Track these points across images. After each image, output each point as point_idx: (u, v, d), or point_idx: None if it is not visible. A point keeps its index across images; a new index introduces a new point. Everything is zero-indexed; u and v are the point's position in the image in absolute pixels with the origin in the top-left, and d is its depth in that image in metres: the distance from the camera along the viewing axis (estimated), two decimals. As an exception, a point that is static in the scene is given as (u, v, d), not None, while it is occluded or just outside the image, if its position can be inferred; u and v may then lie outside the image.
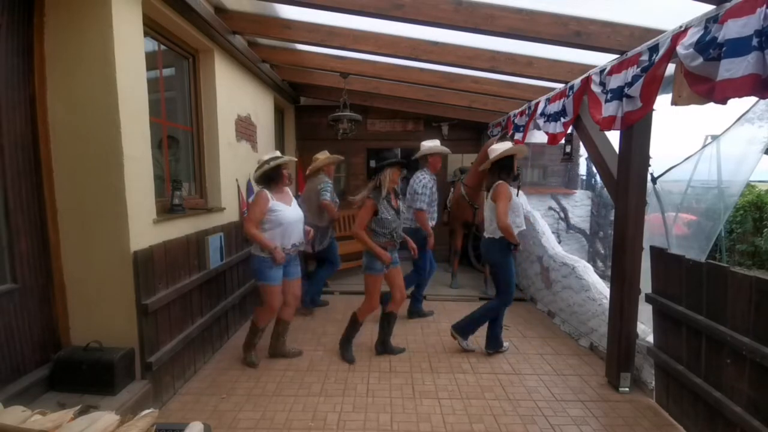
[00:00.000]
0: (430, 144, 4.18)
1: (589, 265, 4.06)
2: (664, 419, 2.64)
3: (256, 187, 4.44)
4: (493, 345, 3.56)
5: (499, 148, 3.37)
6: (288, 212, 3.18)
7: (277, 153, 3.30)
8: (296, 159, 3.36)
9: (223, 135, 3.77)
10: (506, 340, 3.68)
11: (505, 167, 3.36)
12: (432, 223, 4.22)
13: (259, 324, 3.32)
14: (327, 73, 4.98)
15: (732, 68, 1.69)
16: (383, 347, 3.56)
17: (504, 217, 3.19)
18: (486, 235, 3.47)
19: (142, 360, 2.53)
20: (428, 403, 2.81)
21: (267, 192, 3.15)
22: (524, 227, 3.46)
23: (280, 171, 3.19)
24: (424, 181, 4.08)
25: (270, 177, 3.17)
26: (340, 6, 2.81)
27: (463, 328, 3.60)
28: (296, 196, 3.98)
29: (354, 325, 3.48)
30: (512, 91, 4.37)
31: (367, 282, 3.34)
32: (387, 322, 3.54)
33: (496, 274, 3.47)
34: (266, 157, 3.22)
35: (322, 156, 4.46)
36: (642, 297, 2.90)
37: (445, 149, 4.23)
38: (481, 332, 3.61)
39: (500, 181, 3.32)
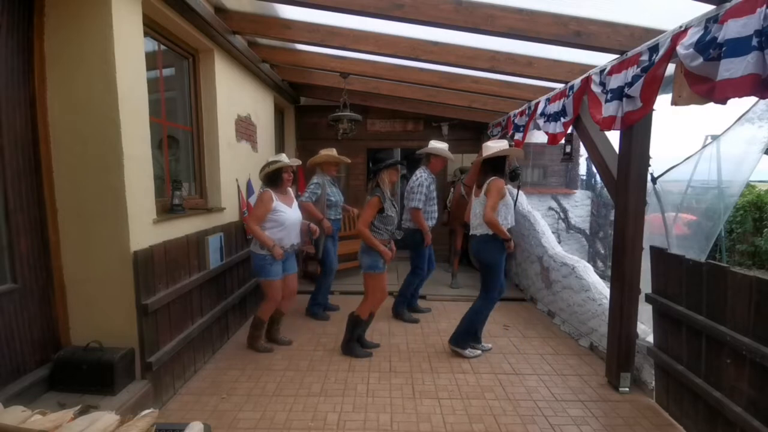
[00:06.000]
0: (439, 145, 4.16)
1: (589, 265, 4.06)
2: (664, 419, 2.64)
3: (256, 188, 4.46)
4: (464, 341, 3.46)
5: (493, 146, 3.32)
6: (289, 214, 3.36)
7: (282, 156, 3.38)
8: (299, 162, 3.39)
9: (223, 135, 3.77)
10: (507, 340, 3.68)
11: (497, 166, 3.31)
12: (431, 222, 4.20)
13: (264, 317, 3.53)
14: (327, 73, 4.98)
15: (732, 68, 1.69)
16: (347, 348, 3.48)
17: (491, 211, 3.13)
18: (477, 232, 3.35)
19: (142, 360, 2.53)
20: (428, 403, 2.81)
21: (271, 192, 3.32)
22: (512, 225, 3.36)
23: (281, 175, 3.34)
24: (420, 179, 4.07)
25: (271, 179, 3.36)
26: (340, 6, 2.80)
27: (459, 340, 3.50)
28: (297, 196, 3.96)
29: (358, 324, 3.44)
30: (512, 91, 4.36)
31: (368, 281, 3.35)
32: (355, 324, 3.45)
33: (488, 272, 3.35)
34: (270, 159, 3.38)
35: (325, 152, 4.27)
36: (642, 297, 2.90)
37: (448, 154, 4.17)
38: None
39: (495, 177, 3.26)
